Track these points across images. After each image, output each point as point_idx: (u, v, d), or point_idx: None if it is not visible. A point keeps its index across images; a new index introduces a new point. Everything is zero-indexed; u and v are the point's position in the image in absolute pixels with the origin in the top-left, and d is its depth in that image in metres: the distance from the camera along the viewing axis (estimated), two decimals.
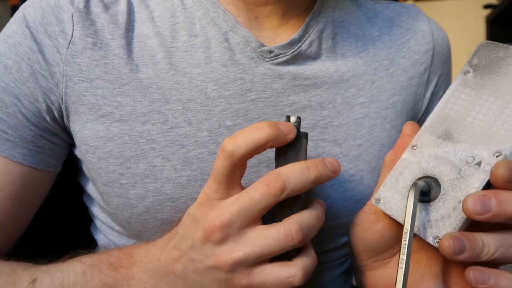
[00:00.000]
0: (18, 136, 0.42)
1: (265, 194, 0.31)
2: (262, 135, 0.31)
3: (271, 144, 0.32)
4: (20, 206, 0.45)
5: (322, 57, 0.46)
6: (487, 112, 0.31)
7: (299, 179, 0.31)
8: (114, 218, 0.45)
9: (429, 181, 0.31)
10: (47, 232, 0.53)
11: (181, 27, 0.43)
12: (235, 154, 0.31)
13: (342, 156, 0.45)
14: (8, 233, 0.45)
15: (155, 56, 0.42)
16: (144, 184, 0.41)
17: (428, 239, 0.31)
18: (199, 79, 0.42)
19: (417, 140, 0.34)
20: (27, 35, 0.41)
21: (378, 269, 0.37)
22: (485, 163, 0.30)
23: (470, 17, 2.14)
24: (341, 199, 0.45)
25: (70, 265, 0.39)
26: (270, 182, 0.31)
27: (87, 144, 0.42)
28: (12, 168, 0.42)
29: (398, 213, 0.33)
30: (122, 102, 0.41)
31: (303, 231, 0.32)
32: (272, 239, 0.31)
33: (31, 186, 0.44)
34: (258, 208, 0.31)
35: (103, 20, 0.42)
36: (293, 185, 0.31)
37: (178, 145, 0.41)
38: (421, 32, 0.52)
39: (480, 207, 0.28)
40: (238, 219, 0.31)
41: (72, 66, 0.41)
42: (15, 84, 0.41)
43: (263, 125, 0.32)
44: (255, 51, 0.43)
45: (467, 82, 0.33)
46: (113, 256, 0.38)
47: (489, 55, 0.33)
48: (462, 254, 0.28)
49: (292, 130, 0.33)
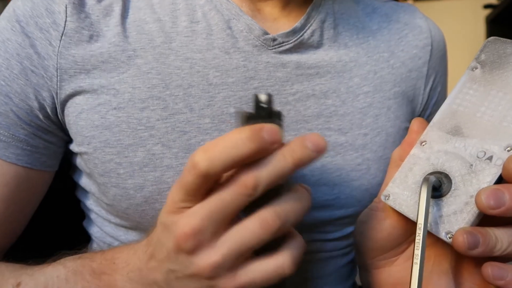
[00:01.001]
0: (11, 136, 0.41)
1: (236, 195, 0.27)
2: (243, 151, 0.26)
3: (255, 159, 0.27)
4: (16, 207, 0.44)
5: (325, 47, 0.46)
6: (496, 107, 0.31)
7: (273, 170, 0.27)
8: (110, 210, 0.44)
9: (440, 177, 0.31)
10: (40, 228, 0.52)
11: (181, 13, 0.43)
12: (209, 174, 0.27)
13: (348, 145, 0.45)
14: (4, 234, 0.45)
15: (153, 40, 0.42)
16: (143, 173, 0.40)
17: (440, 234, 0.30)
18: (200, 65, 0.42)
19: (426, 136, 0.33)
20: (16, 30, 0.40)
21: (385, 267, 0.36)
22: (497, 157, 0.30)
23: (470, 17, 2.14)
24: (347, 188, 0.45)
25: (54, 269, 0.38)
26: (240, 180, 0.27)
27: (82, 135, 0.41)
28: (6, 169, 0.42)
29: (409, 209, 0.32)
30: (120, 89, 0.41)
31: (280, 217, 0.28)
32: (248, 233, 0.28)
33: (26, 186, 0.43)
34: (230, 210, 0.28)
35: (97, 12, 0.42)
36: (267, 179, 0.27)
37: (179, 132, 0.41)
38: (418, 28, 0.52)
39: (493, 201, 0.27)
40: (210, 224, 0.28)
41: (66, 59, 0.40)
42: (5, 82, 0.40)
43: (244, 137, 0.26)
44: (259, 39, 0.43)
45: (475, 78, 0.33)
46: (95, 262, 0.36)
47: (496, 51, 0.33)
48: (476, 249, 0.28)
49: (279, 137, 0.27)
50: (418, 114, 0.53)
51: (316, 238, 0.47)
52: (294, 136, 0.43)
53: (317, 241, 0.47)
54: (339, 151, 0.45)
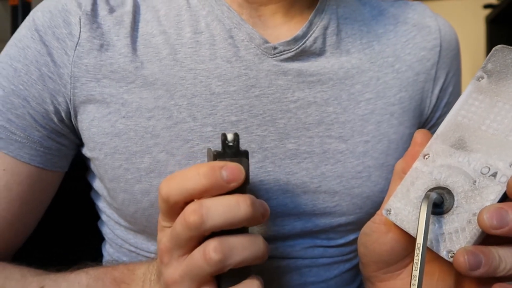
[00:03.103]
0: (26, 137, 0.43)
1: (183, 226, 0.29)
2: (195, 185, 0.29)
3: (210, 194, 0.29)
4: (28, 206, 0.45)
5: (327, 54, 0.46)
6: (502, 120, 0.30)
7: (222, 215, 0.28)
8: (120, 214, 0.46)
9: (442, 192, 0.30)
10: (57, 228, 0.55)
11: (186, 24, 0.44)
12: (169, 200, 0.30)
13: (349, 153, 0.45)
14: (16, 233, 0.46)
15: (160, 53, 0.43)
16: (149, 179, 0.42)
17: (441, 253, 0.29)
18: (203, 75, 0.43)
19: (429, 149, 0.32)
20: (35, 39, 0.43)
21: (389, 280, 0.36)
22: (501, 174, 0.28)
23: (470, 17, 2.14)
24: (348, 196, 0.45)
25: (77, 276, 0.40)
26: (187, 214, 0.29)
27: (94, 141, 0.43)
28: (20, 168, 0.44)
29: (410, 225, 0.31)
30: (128, 99, 0.42)
31: (222, 251, 0.28)
32: (194, 261, 0.29)
33: (38, 186, 0.45)
34: (183, 238, 0.30)
35: (109, 22, 0.43)
36: (213, 221, 0.28)
37: (183, 140, 0.42)
38: (427, 29, 0.51)
39: (496, 221, 0.26)
40: (173, 247, 0.31)
41: (79, 67, 0.42)
42: (24, 87, 0.43)
43: (201, 172, 0.28)
44: (259, 47, 0.44)
45: (481, 88, 0.32)
46: (117, 271, 0.39)
47: (504, 60, 0.32)
48: (478, 270, 0.27)
49: (239, 177, 0.29)
50: (426, 116, 0.52)
51: (318, 244, 0.47)
52: (294, 143, 0.44)
53: (319, 247, 0.47)
54: (340, 159, 0.45)
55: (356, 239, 0.48)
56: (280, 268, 0.45)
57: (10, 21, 1.49)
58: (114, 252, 0.50)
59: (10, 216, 0.44)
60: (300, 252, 0.46)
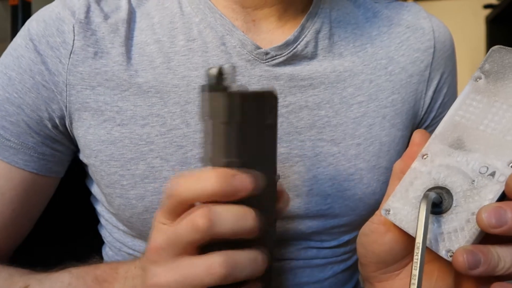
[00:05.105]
0: (20, 143, 0.44)
1: (188, 230, 0.28)
2: (205, 190, 0.28)
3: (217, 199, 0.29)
4: (22, 210, 0.46)
5: (319, 57, 0.46)
6: (500, 120, 0.30)
7: (230, 223, 0.28)
8: (117, 218, 0.47)
9: (441, 192, 0.30)
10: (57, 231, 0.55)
11: (179, 32, 0.45)
12: (178, 197, 0.29)
13: (341, 156, 0.45)
14: (9, 237, 0.47)
15: (154, 61, 0.44)
16: (144, 184, 0.42)
17: (440, 252, 0.29)
18: (197, 82, 0.43)
19: (428, 149, 0.32)
20: (29, 48, 0.43)
21: (388, 280, 0.36)
22: (499, 173, 0.29)
23: (470, 17, 2.14)
24: (341, 198, 0.45)
25: (60, 275, 0.41)
26: (196, 216, 0.28)
27: (90, 148, 0.44)
28: (14, 174, 0.44)
29: (409, 224, 0.31)
30: (122, 107, 0.43)
31: (228, 266, 0.28)
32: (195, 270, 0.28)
33: (32, 191, 0.46)
34: (183, 241, 0.29)
35: (103, 29, 0.44)
36: (220, 228, 0.28)
37: (176, 146, 0.42)
38: (421, 30, 0.51)
39: (495, 220, 0.26)
40: (167, 248, 0.30)
41: (74, 75, 0.43)
42: (18, 95, 0.43)
43: (213, 176, 0.28)
44: (251, 53, 0.44)
45: (479, 88, 0.32)
46: (99, 270, 0.39)
47: (501, 61, 0.32)
48: (477, 269, 0.27)
49: (249, 187, 0.28)
50: (420, 118, 0.52)
51: (312, 246, 0.47)
52: (286, 147, 0.44)
53: (313, 248, 0.47)
54: (332, 162, 0.45)
55: (349, 240, 0.49)
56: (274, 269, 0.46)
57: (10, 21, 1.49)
58: (114, 255, 0.51)
59: (3, 220, 0.45)
60: (294, 253, 0.46)
